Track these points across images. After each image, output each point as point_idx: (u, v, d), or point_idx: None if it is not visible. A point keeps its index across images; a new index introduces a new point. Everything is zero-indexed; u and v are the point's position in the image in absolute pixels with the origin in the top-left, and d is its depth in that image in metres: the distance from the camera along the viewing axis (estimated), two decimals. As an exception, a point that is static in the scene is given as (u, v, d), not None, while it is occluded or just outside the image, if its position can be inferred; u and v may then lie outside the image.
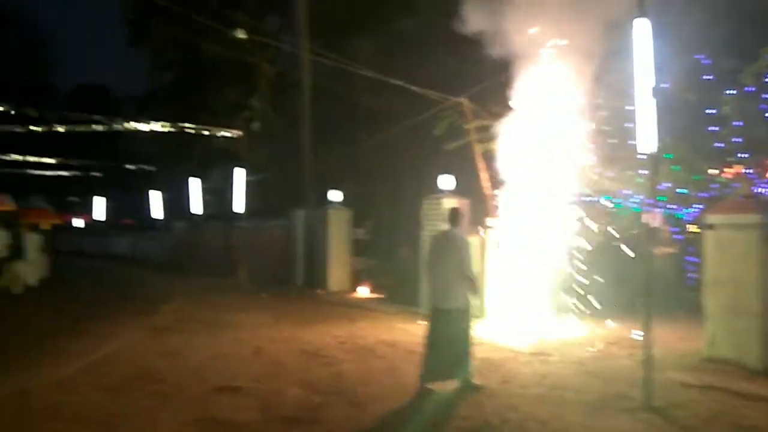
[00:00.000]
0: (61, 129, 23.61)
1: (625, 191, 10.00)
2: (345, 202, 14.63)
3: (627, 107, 7.23)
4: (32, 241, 14.89)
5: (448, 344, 5.66)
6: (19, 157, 30.16)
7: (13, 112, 21.10)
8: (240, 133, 21.73)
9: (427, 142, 12.97)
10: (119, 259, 27.77)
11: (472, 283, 5.77)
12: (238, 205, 19.48)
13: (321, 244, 14.52)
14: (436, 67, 12.95)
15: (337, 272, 14.27)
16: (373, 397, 5.49)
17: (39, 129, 22.69)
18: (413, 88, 11.89)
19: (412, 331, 9.07)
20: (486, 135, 10.92)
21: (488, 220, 9.82)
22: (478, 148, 11.42)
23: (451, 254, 5.73)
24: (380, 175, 15.82)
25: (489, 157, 10.80)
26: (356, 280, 14.10)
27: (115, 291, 15.31)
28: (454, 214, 6.07)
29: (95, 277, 19.51)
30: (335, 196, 14.48)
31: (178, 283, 16.83)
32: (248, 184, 19.78)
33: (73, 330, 8.90)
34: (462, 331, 5.72)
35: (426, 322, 5.97)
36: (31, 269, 14.73)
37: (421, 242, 11.19)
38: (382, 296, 12.73)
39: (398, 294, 12.24)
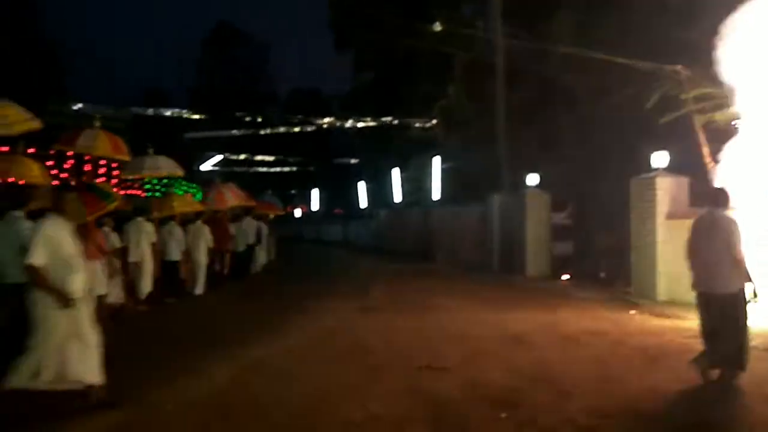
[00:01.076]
0: (282, 130, 26.69)
1: None
2: (543, 186, 14.19)
3: None
4: (264, 230, 17.14)
5: (717, 330, 5.31)
6: (252, 157, 34.82)
7: (248, 119, 24.44)
8: (436, 122, 22.30)
9: (633, 117, 11.94)
10: (331, 244, 30.54)
11: (741, 267, 5.28)
12: (435, 192, 20.07)
13: (518, 229, 14.29)
14: (644, 35, 11.78)
15: (535, 258, 13.94)
16: (578, 387, 5.30)
17: (265, 132, 25.92)
18: (619, 60, 11.01)
19: (621, 320, 8.53)
20: (708, 104, 9.70)
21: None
22: (698, 120, 10.19)
23: (716, 237, 5.32)
24: (581, 156, 14.95)
25: (712, 129, 9.58)
26: (556, 266, 13.62)
27: (329, 272, 16.92)
28: (719, 195, 5.60)
29: (312, 260, 21.74)
30: (532, 179, 14.12)
31: (382, 266, 17.97)
32: (444, 171, 20.26)
33: (295, 307, 10.04)
34: (731, 319, 5.28)
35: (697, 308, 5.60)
36: (264, 253, 17.00)
37: (632, 225, 10.40)
38: (585, 283, 12.12)
39: (604, 281, 11.56)
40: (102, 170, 15.26)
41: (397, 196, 24.82)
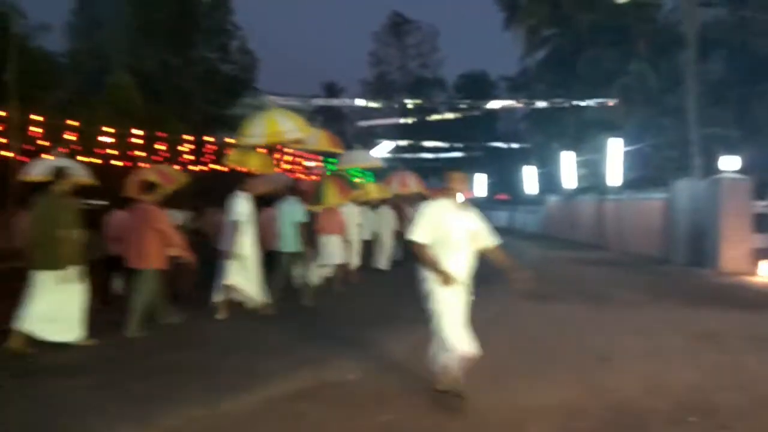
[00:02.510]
0: (450, 116, 26.93)
1: None
2: (743, 170, 12.65)
3: None
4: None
5: None
6: (419, 143, 35.68)
7: (417, 106, 25.05)
8: (615, 101, 20.85)
9: None
10: (496, 230, 30.17)
11: None
12: (613, 176, 18.81)
13: (710, 219, 12.93)
14: None
15: (731, 250, 12.50)
16: (781, 395, 4.78)
17: (432, 118, 26.37)
18: None
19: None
20: None
21: None
22: None
23: None
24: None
25: None
26: (757, 260, 12.12)
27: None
28: None
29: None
30: (729, 163, 12.64)
31: (552, 254, 17.41)
32: (624, 154, 18.90)
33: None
34: None
35: None
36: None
37: None
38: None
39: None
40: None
41: (569, 182, 23.64)
